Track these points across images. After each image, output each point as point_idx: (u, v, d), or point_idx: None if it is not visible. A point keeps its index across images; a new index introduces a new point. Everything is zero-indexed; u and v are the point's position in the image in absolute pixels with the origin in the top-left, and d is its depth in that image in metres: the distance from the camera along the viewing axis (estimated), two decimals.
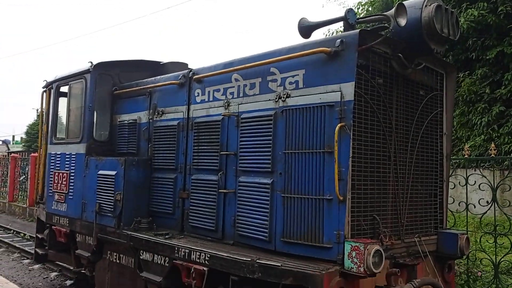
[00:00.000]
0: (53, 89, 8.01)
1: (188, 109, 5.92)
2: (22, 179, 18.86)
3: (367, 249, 3.84)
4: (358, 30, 4.24)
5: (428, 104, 5.17)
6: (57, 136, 7.94)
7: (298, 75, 4.62)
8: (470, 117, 14.64)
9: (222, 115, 5.35)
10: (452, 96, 5.46)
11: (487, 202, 6.66)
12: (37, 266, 9.79)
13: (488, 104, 14.08)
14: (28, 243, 12.26)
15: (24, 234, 13.43)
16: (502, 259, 6.56)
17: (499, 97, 13.80)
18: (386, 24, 4.74)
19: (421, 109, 5.06)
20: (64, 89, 7.81)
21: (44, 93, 8.33)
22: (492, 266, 6.57)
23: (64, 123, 7.81)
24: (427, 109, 5.16)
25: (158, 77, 6.61)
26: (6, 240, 12.58)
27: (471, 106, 14.64)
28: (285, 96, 4.70)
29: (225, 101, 5.38)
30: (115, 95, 7.24)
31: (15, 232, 14.07)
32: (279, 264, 4.14)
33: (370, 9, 19.62)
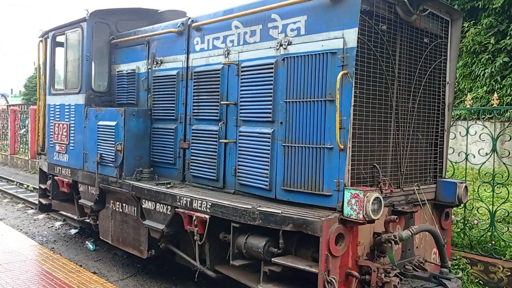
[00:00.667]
0: (49, 39, 7.85)
1: (187, 58, 5.81)
2: (23, 132, 18.89)
3: (367, 197, 3.89)
4: None
5: (432, 52, 5.07)
6: (56, 87, 7.86)
7: (299, 21, 4.50)
8: (473, 68, 14.44)
9: (222, 64, 5.27)
10: (456, 44, 5.35)
11: (487, 153, 6.68)
12: (41, 216, 9.98)
13: (492, 55, 13.84)
14: (31, 194, 12.45)
15: (27, 186, 13.61)
16: (499, 208, 6.65)
17: (503, 48, 13.54)
18: None
19: (425, 57, 4.97)
20: (61, 38, 7.66)
21: (40, 43, 8.18)
22: (489, 215, 6.67)
23: (62, 73, 7.71)
24: (431, 57, 5.07)
25: (156, 25, 6.46)
26: (10, 191, 12.76)
27: (475, 57, 14.41)
28: (286, 43, 4.60)
29: (225, 49, 5.28)
30: (112, 44, 7.10)
31: (18, 184, 14.26)
32: (280, 211, 4.20)
33: None
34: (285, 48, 4.61)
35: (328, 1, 4.21)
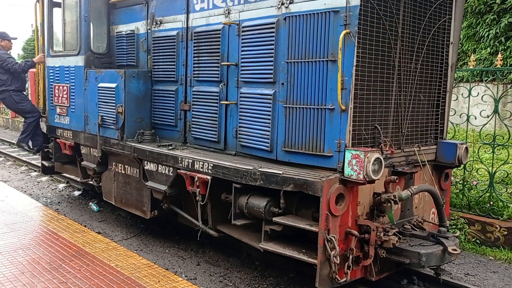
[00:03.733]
0: None
1: (187, 18, 5.71)
2: None
3: (367, 157, 3.91)
4: None
5: (436, 10, 4.97)
6: (54, 49, 7.76)
7: None
8: (477, 29, 14.20)
9: (223, 24, 5.18)
10: (462, 3, 5.23)
11: (488, 115, 6.67)
12: (45, 178, 10.08)
13: (497, 16, 13.58)
14: (34, 156, 12.49)
15: None
16: (498, 169, 6.70)
17: (509, 8, 13.27)
18: None
19: (429, 16, 4.88)
20: None
21: (37, 3, 8.01)
22: (488, 177, 6.73)
23: (60, 35, 7.60)
24: (435, 16, 4.97)
25: None
26: (13, 154, 12.83)
27: (480, 18, 14.14)
28: (288, 2, 4.50)
29: (226, 8, 5.18)
30: (110, 4, 6.97)
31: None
32: (280, 172, 4.24)
33: None
34: (286, 7, 4.52)
35: None
